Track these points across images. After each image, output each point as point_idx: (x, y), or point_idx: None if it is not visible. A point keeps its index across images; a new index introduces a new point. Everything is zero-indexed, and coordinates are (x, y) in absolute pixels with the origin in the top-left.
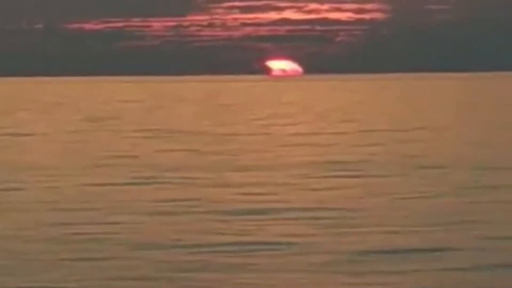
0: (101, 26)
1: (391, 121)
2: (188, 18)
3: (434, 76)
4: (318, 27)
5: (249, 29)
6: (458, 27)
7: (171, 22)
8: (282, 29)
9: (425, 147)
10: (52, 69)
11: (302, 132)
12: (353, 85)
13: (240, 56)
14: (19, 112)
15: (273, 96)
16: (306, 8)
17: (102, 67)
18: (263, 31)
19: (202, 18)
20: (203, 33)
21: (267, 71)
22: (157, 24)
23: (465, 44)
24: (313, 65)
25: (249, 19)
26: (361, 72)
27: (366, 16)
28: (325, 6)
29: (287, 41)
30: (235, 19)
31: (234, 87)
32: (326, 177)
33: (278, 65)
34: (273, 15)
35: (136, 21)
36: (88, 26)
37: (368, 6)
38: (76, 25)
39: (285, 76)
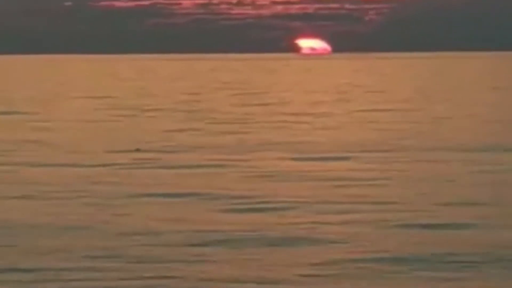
0: (130, 4)
1: (415, 100)
2: None
3: (464, 54)
4: (347, 6)
5: (278, 8)
6: (488, 6)
7: (200, 0)
8: (312, 8)
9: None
10: (81, 46)
11: (322, 112)
12: (380, 63)
13: (270, 35)
14: (23, 91)
15: (297, 74)
16: None
17: (131, 45)
18: (293, 9)
19: None
20: (232, 11)
21: (296, 49)
22: (187, 2)
23: (494, 22)
24: (342, 43)
25: None
26: (390, 51)
27: None
28: None
29: (317, 20)
30: None
31: (259, 65)
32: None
33: (307, 43)
34: None
35: None
36: (117, 3)
37: None
38: (106, 3)
39: (314, 54)
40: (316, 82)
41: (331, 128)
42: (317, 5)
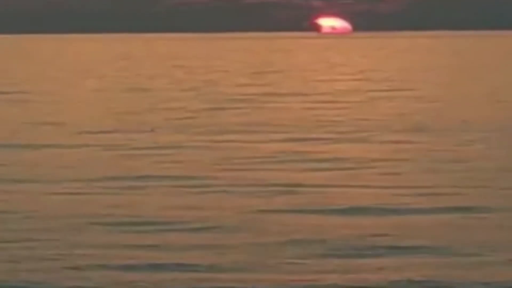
0: None
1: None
2: None
3: (490, 33)
4: None
5: None
6: None
7: None
8: None
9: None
10: (100, 26)
11: (324, 91)
12: (402, 42)
13: (291, 13)
14: (28, 70)
15: (313, 54)
16: None
17: (151, 24)
18: None
19: None
20: None
21: (317, 28)
22: None
23: None
24: (364, 22)
25: None
26: (413, 29)
27: None
28: None
29: None
30: None
31: (277, 44)
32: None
33: (328, 22)
34: None
35: None
36: None
37: None
38: None
39: (334, 33)
40: (330, 62)
41: (331, 109)
42: None
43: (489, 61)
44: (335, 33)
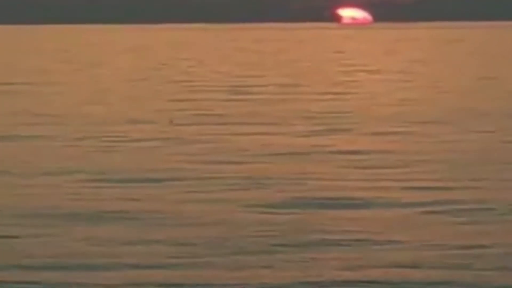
0: None
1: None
2: None
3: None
4: None
5: None
6: None
7: None
8: None
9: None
10: (114, 17)
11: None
12: (421, 33)
13: (311, 4)
14: (29, 61)
15: (334, 44)
16: None
17: (168, 15)
18: None
19: None
20: None
21: (337, 19)
22: None
23: None
24: (385, 13)
25: None
26: (434, 20)
27: None
28: None
29: None
30: None
31: (295, 35)
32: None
33: (348, 13)
34: None
35: None
36: None
37: None
38: None
39: (355, 24)
40: (348, 52)
41: (342, 100)
42: None
43: (508, 52)
44: (355, 24)
